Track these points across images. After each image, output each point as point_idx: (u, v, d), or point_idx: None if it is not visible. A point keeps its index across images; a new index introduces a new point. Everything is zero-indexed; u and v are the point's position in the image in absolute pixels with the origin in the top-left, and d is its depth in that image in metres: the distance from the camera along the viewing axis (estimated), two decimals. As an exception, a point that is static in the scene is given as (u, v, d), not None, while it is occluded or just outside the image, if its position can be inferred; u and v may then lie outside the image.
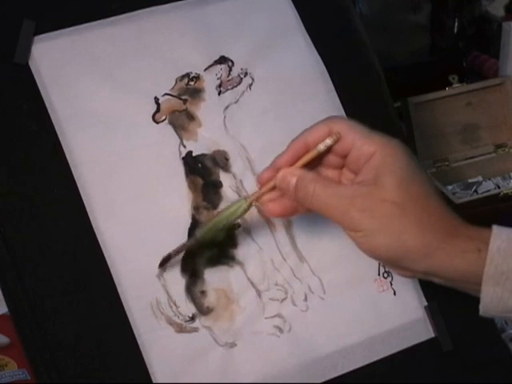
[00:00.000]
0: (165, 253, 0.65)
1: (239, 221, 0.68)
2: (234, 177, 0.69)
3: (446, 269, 0.57)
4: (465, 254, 0.56)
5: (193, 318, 0.65)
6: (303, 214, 0.63)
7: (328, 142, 0.59)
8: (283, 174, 0.60)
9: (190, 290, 0.65)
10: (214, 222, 0.63)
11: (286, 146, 0.62)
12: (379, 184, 0.57)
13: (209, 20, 0.73)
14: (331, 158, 0.61)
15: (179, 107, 0.70)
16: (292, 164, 0.60)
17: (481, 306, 0.57)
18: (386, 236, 0.56)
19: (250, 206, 0.62)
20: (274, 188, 0.60)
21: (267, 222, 0.69)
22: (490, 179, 1.13)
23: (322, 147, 0.59)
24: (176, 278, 0.65)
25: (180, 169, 0.68)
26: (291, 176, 0.59)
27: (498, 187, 1.10)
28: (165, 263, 0.64)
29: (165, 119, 0.69)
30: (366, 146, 0.58)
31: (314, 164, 0.61)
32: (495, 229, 0.56)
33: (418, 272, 0.59)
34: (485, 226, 0.57)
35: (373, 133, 0.59)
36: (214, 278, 0.66)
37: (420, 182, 0.58)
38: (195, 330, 0.65)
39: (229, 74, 0.72)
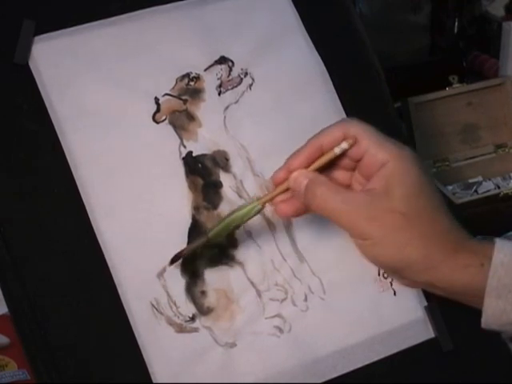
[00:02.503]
0: (165, 253, 0.65)
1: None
2: (235, 177, 0.69)
3: (447, 281, 0.57)
4: (467, 268, 0.56)
5: (193, 318, 0.65)
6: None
7: (344, 146, 0.59)
8: (296, 175, 0.60)
9: (190, 290, 0.65)
10: (226, 222, 0.62)
11: (287, 145, 0.62)
12: (389, 194, 0.57)
13: (209, 20, 0.73)
14: (344, 161, 0.61)
15: (179, 107, 0.70)
16: (306, 165, 0.60)
17: (483, 319, 0.57)
18: (390, 246, 0.57)
19: (263, 206, 0.62)
20: (287, 189, 0.60)
21: (267, 222, 0.69)
22: (490, 179, 1.13)
23: (337, 151, 0.59)
24: (176, 278, 0.65)
25: (180, 169, 0.68)
26: (303, 178, 0.59)
27: (498, 187, 1.10)
28: (176, 260, 0.64)
29: (165, 119, 0.69)
30: (380, 154, 0.58)
31: (327, 165, 0.61)
32: (498, 242, 0.57)
33: (419, 283, 0.59)
34: (488, 238, 0.58)
35: (387, 140, 0.59)
36: (214, 278, 0.66)
37: (429, 194, 0.58)
38: (195, 330, 0.65)
39: (229, 74, 0.72)
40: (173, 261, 0.64)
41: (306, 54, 0.75)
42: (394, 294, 0.70)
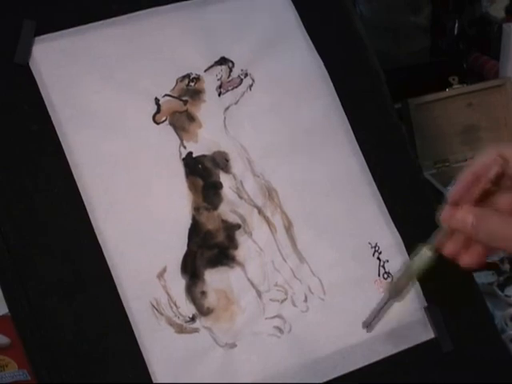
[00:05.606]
0: (165, 253, 0.65)
1: (239, 221, 0.68)
2: (235, 178, 0.69)
3: None
4: None
5: (193, 319, 0.65)
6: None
7: (495, 169, 0.56)
8: (460, 214, 0.57)
9: (190, 290, 0.66)
10: (406, 279, 0.61)
11: (287, 146, 0.62)
12: None
13: (209, 21, 0.73)
14: (507, 183, 0.58)
15: (179, 108, 0.70)
16: (467, 197, 0.58)
17: None
18: None
19: (435, 252, 0.59)
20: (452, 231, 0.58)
21: (268, 223, 0.69)
22: (490, 180, 1.12)
23: (491, 175, 0.56)
24: (176, 279, 0.65)
25: (180, 170, 0.68)
26: (468, 215, 0.57)
27: (498, 188, 1.10)
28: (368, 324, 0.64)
29: (165, 120, 0.69)
30: None
31: (490, 193, 0.58)
32: None
33: None
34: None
35: None
36: (214, 278, 0.66)
37: None
38: (195, 330, 0.65)
39: (229, 75, 0.72)
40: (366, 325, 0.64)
41: (307, 55, 0.75)
42: (394, 294, 0.70)
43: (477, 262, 0.59)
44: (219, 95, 0.71)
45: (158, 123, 0.69)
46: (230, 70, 0.72)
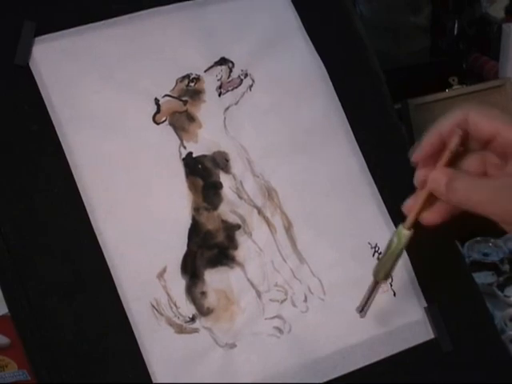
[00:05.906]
0: (165, 254, 0.65)
1: (239, 222, 0.68)
2: (234, 178, 0.69)
3: None
4: None
5: (193, 319, 0.65)
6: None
7: (455, 140, 0.56)
8: (434, 175, 0.57)
9: (190, 290, 0.66)
10: (390, 263, 0.61)
11: (287, 146, 0.62)
12: None
13: (209, 21, 0.73)
14: (474, 145, 0.58)
15: (179, 108, 0.70)
16: (433, 160, 0.58)
17: None
18: None
19: (411, 231, 0.60)
20: (421, 208, 0.59)
21: (268, 223, 0.69)
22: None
23: (452, 147, 0.57)
24: (176, 279, 0.65)
25: (180, 170, 0.68)
26: (442, 176, 0.57)
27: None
28: (361, 311, 0.64)
29: (165, 120, 0.69)
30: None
31: (456, 159, 0.58)
32: None
33: None
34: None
35: None
36: (214, 279, 0.66)
37: None
38: (195, 330, 0.65)
39: (229, 76, 0.72)
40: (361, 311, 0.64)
41: (307, 56, 0.75)
42: (394, 294, 0.70)
43: (440, 221, 0.59)
44: (219, 95, 0.71)
45: (157, 123, 0.69)
46: (230, 71, 0.72)
